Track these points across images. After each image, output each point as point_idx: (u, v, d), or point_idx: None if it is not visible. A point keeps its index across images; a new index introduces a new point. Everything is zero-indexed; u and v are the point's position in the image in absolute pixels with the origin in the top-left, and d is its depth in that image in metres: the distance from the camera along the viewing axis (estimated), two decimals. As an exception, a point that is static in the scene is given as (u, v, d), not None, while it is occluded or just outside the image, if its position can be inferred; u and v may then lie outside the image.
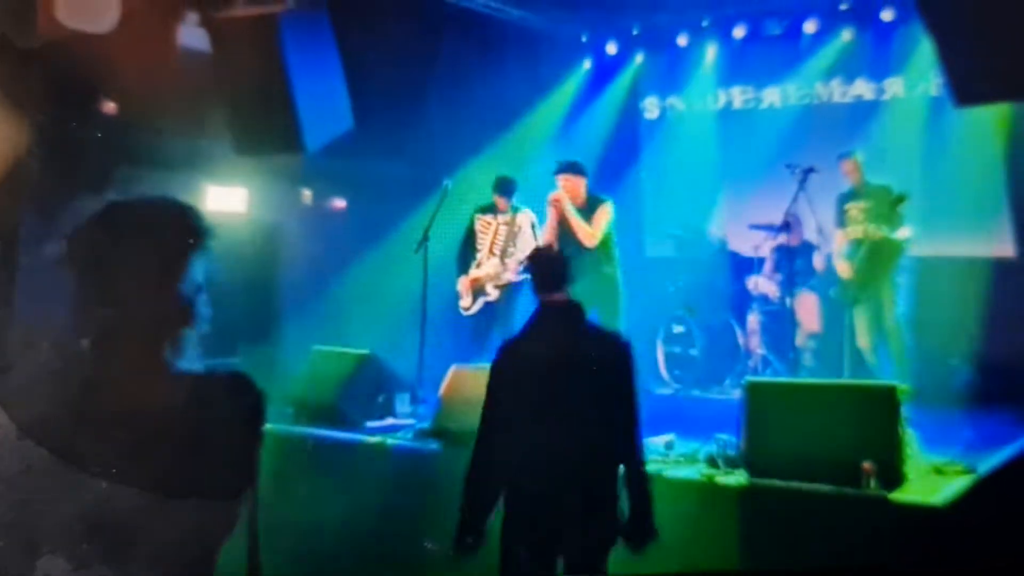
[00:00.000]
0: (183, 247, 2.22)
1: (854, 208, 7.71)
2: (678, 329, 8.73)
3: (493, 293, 7.60)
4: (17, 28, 4.18)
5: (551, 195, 7.16)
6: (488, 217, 7.72)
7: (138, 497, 2.11)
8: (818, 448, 4.95)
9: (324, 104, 6.77)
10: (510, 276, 7.54)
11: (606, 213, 7.21)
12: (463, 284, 7.77)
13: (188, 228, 2.24)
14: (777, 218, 7.88)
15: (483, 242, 7.70)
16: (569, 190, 7.20)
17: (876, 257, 7.43)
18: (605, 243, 7.20)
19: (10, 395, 2.12)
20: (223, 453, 2.22)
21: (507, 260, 7.45)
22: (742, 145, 9.49)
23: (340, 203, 8.84)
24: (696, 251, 9.34)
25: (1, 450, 2.12)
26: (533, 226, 7.54)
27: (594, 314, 5.61)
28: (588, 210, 7.25)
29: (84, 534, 2.10)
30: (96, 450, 2.09)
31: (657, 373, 8.68)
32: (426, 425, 6.37)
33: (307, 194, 8.35)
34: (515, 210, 7.62)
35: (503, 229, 7.62)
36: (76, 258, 2.18)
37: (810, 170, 7.43)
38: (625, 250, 7.67)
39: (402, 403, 7.02)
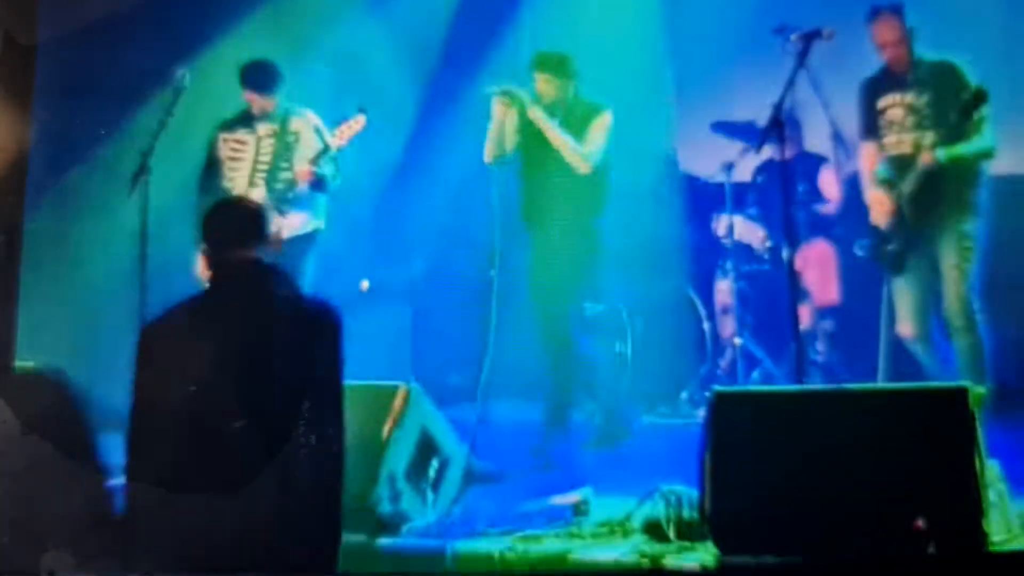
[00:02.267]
0: None
1: (896, 105, 6.30)
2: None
3: None
4: (19, 23, 4.56)
5: (498, 88, 6.25)
6: (241, 133, 6.49)
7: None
8: (837, 499, 4.13)
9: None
10: (291, 219, 6.24)
11: (604, 126, 6.30)
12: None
13: None
14: (760, 115, 6.17)
15: (237, 173, 6.40)
16: (548, 95, 6.29)
17: (934, 188, 6.09)
18: (598, 178, 6.32)
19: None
20: None
21: (280, 191, 6.22)
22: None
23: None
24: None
25: (5, 446, 2.74)
26: (318, 131, 6.29)
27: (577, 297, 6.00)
28: (575, 120, 6.31)
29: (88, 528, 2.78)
30: None
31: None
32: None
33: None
34: (284, 113, 6.44)
35: (268, 144, 6.42)
36: None
37: (815, 35, 5.98)
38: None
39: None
